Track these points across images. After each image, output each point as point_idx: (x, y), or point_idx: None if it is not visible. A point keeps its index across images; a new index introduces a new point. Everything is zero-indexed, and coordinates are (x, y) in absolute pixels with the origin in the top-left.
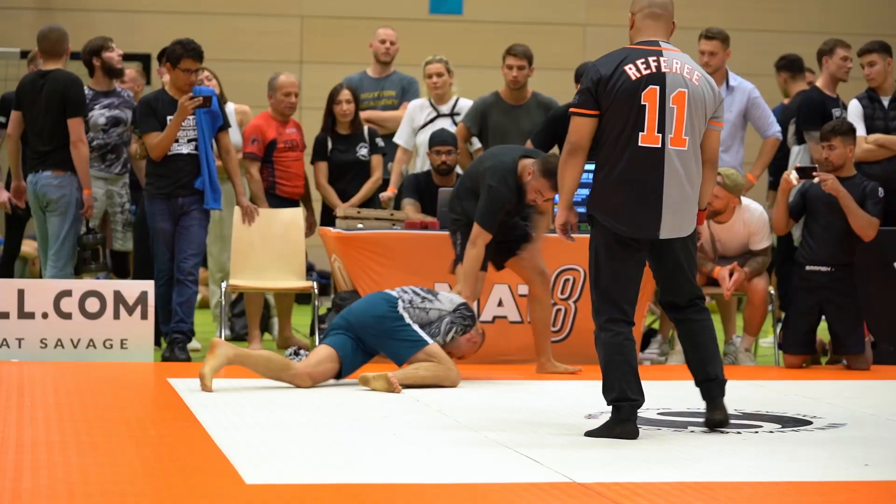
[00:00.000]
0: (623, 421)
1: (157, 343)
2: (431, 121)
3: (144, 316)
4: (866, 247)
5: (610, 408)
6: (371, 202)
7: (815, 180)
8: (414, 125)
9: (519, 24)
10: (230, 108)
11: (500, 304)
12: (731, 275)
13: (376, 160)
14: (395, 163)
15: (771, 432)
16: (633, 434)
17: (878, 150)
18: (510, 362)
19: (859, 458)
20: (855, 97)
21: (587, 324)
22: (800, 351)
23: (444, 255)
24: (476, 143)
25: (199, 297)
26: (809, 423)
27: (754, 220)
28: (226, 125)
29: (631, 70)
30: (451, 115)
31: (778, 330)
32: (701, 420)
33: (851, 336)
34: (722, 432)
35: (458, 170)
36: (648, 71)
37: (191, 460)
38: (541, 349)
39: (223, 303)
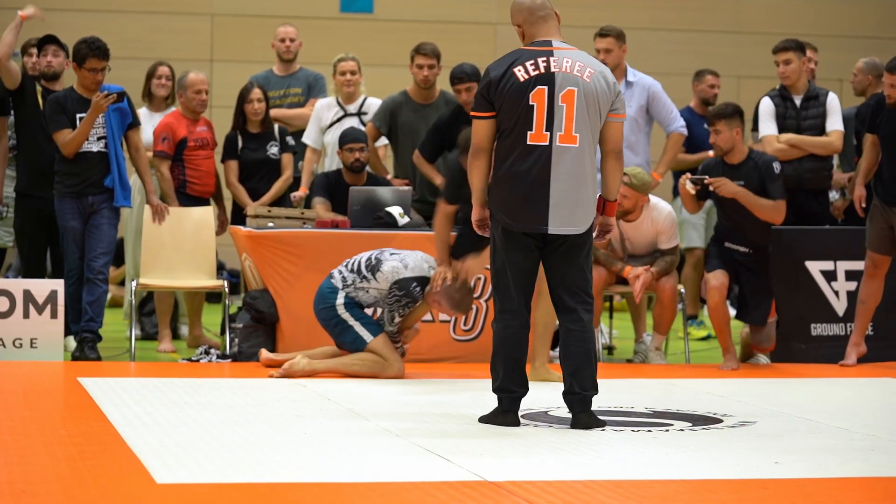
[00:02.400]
0: (504, 412)
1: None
2: (339, 120)
3: (54, 315)
4: (779, 247)
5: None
6: (282, 201)
7: (711, 188)
8: (321, 124)
9: (430, 23)
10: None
11: None
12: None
13: (287, 159)
14: (304, 162)
15: (682, 430)
16: (514, 423)
17: (790, 150)
18: (421, 361)
19: (770, 456)
20: (766, 95)
21: None
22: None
23: (355, 254)
24: (383, 140)
25: (109, 295)
26: (720, 421)
27: (662, 218)
28: (135, 123)
29: (520, 72)
30: (359, 114)
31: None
32: (612, 418)
33: (759, 308)
34: (634, 430)
35: (368, 168)
36: (537, 72)
37: (101, 460)
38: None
39: (133, 302)
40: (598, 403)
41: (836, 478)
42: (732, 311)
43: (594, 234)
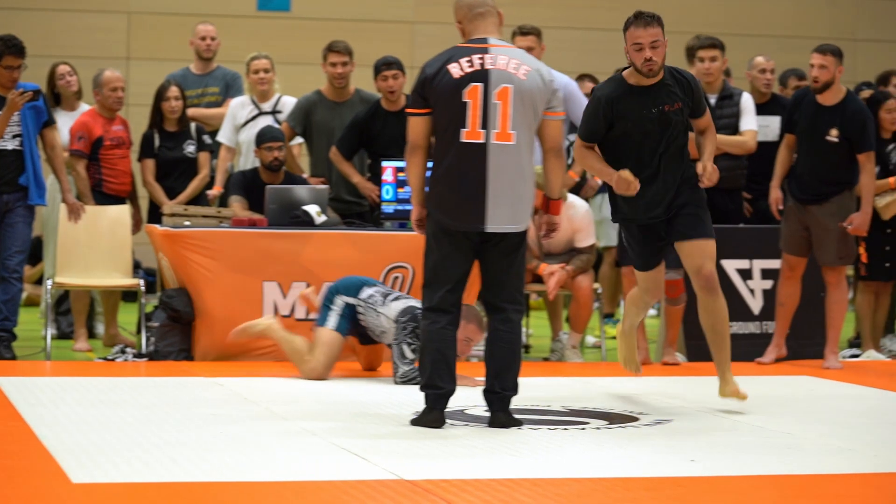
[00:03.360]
0: (430, 409)
1: None
2: (253, 118)
3: None
4: None
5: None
6: (198, 200)
7: None
8: (236, 122)
9: (347, 22)
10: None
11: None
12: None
13: (203, 157)
14: (219, 161)
15: (598, 429)
16: (436, 423)
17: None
18: (339, 360)
19: (685, 454)
20: None
21: None
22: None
23: (272, 253)
24: (298, 140)
25: (24, 294)
26: (636, 419)
27: (579, 217)
28: (51, 121)
29: (454, 69)
30: (273, 112)
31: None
32: (529, 416)
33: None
34: (550, 429)
35: (285, 167)
36: (472, 69)
37: (16, 460)
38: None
39: (48, 300)
40: (514, 402)
41: (751, 475)
42: (652, 312)
43: (541, 234)
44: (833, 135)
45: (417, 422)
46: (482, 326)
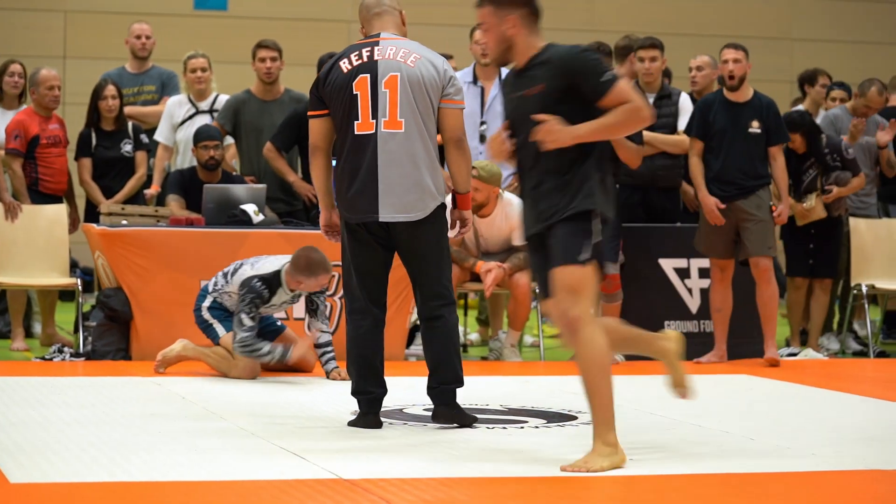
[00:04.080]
0: (364, 414)
1: None
2: (191, 117)
3: None
4: (632, 244)
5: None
6: (136, 199)
7: None
8: (173, 121)
9: (283, 21)
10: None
11: None
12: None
13: (141, 156)
14: (156, 160)
15: (537, 427)
16: (374, 425)
17: (645, 151)
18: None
19: (626, 451)
20: None
21: None
22: None
23: (209, 253)
24: (229, 140)
25: None
26: (575, 418)
27: (516, 214)
28: None
29: (344, 64)
30: (211, 111)
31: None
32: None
33: (606, 247)
34: (488, 428)
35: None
36: (360, 61)
37: None
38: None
39: None
40: (471, 400)
41: (689, 474)
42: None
43: (452, 230)
44: (755, 126)
45: (355, 424)
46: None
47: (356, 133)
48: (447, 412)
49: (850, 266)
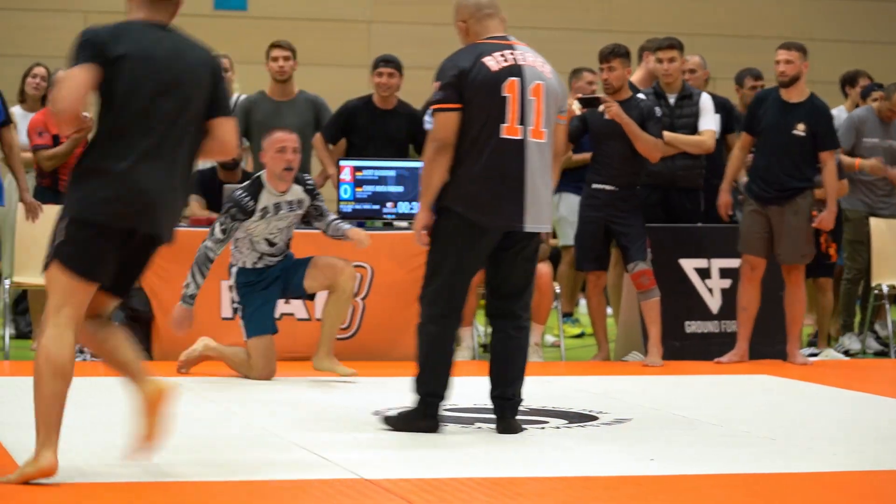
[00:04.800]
0: (431, 416)
1: None
2: None
3: None
4: (655, 245)
5: (410, 399)
6: None
7: (601, 108)
8: None
9: (304, 21)
10: None
11: (286, 301)
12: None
13: None
14: None
15: (557, 428)
16: (434, 429)
17: (664, 148)
18: (296, 359)
19: (645, 453)
20: (640, 93)
21: (376, 321)
22: (591, 267)
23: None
24: (244, 143)
25: None
26: (595, 418)
27: None
28: (7, 121)
29: (490, 62)
30: (233, 111)
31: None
32: (489, 416)
33: (634, 245)
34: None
35: (244, 165)
36: (507, 63)
37: None
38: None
39: (6, 300)
40: (473, 400)
41: (710, 474)
42: (609, 311)
43: None
44: (800, 129)
45: (408, 427)
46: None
47: (502, 136)
48: (516, 425)
49: (871, 266)
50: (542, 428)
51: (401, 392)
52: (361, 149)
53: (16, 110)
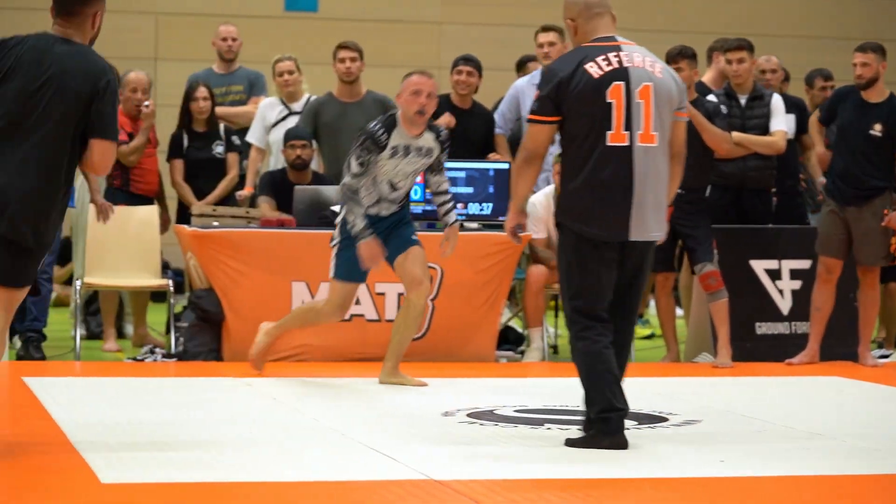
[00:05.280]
0: (612, 433)
1: (10, 341)
2: (283, 119)
3: None
4: (723, 246)
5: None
6: (227, 200)
7: None
8: (266, 123)
9: (374, 22)
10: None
11: (357, 301)
12: None
13: (232, 158)
14: (249, 162)
15: (627, 429)
16: (623, 445)
17: (734, 149)
18: (366, 359)
19: (714, 455)
20: (712, 93)
21: (446, 322)
22: (660, 268)
23: (300, 254)
24: (313, 144)
25: (53, 295)
26: (665, 419)
27: None
28: None
29: (592, 68)
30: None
31: None
32: (558, 417)
33: (702, 247)
34: (580, 429)
35: (313, 166)
36: (611, 67)
37: (46, 459)
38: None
39: (78, 301)
40: (542, 401)
41: (780, 476)
42: (679, 311)
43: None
44: (877, 129)
45: (596, 445)
46: None
47: (608, 144)
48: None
49: None
50: None
51: (470, 393)
52: None
53: None
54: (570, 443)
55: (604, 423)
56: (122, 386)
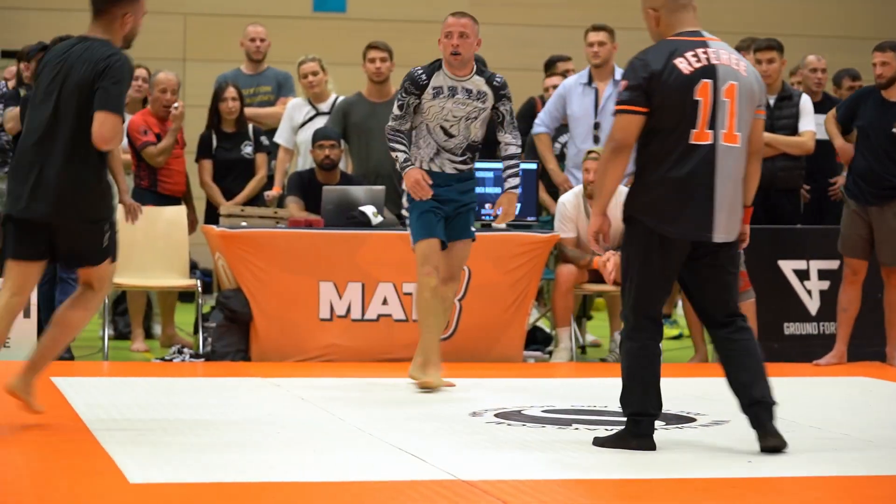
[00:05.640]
0: (641, 435)
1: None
2: (310, 119)
3: (27, 315)
4: (751, 246)
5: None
6: (255, 200)
7: None
8: (293, 124)
9: (403, 23)
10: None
11: (384, 302)
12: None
13: (261, 158)
14: (278, 162)
15: (655, 430)
16: (650, 447)
17: (764, 149)
18: (393, 360)
19: (743, 455)
20: None
21: (473, 322)
22: None
23: (328, 254)
24: (342, 144)
25: None
26: (693, 420)
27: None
28: None
29: (682, 64)
30: (331, 113)
31: None
32: (585, 417)
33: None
34: (607, 430)
35: (342, 166)
36: (700, 64)
37: (74, 459)
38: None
39: (106, 301)
40: (570, 402)
41: (808, 477)
42: None
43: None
44: None
45: (624, 445)
46: None
47: (691, 142)
48: (776, 433)
49: None
50: None
51: (497, 393)
52: None
53: None
54: (599, 442)
55: (634, 425)
56: (150, 386)
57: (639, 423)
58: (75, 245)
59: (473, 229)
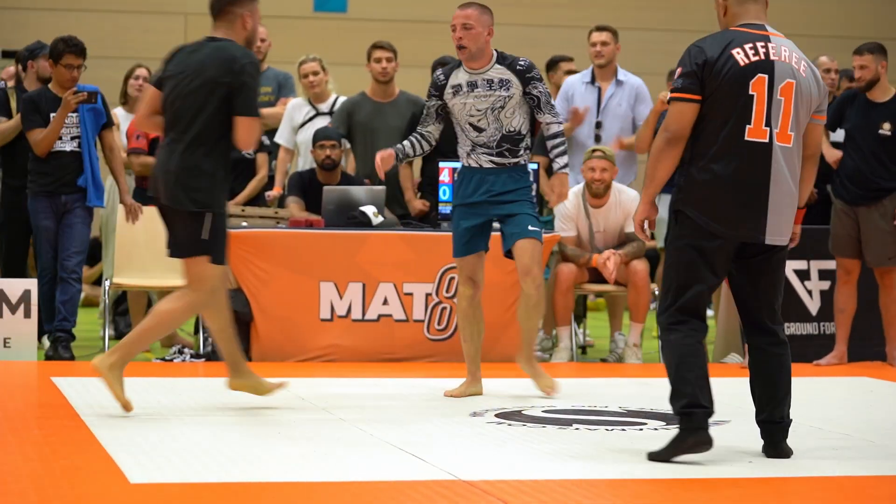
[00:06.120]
0: (696, 430)
1: (39, 341)
2: (311, 119)
3: (28, 314)
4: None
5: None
6: (256, 200)
7: None
8: (293, 124)
9: (404, 22)
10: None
11: (385, 302)
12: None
13: (261, 158)
14: (278, 162)
15: (656, 430)
16: (708, 444)
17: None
18: (394, 360)
19: (743, 455)
20: None
21: None
22: None
23: (329, 254)
24: (345, 144)
25: (82, 295)
26: None
27: (629, 201)
28: (109, 123)
29: (739, 55)
30: (331, 113)
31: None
32: (586, 417)
33: None
34: (608, 430)
35: (343, 167)
36: (757, 57)
37: (75, 459)
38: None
39: (107, 301)
40: (571, 402)
41: (809, 477)
42: (709, 312)
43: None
44: (886, 128)
45: (678, 451)
46: None
47: (746, 139)
48: (788, 449)
49: None
50: (641, 430)
51: (498, 393)
52: None
53: (118, 112)
54: (653, 456)
55: (687, 419)
56: (150, 386)
57: (691, 416)
58: (180, 232)
59: (534, 228)
